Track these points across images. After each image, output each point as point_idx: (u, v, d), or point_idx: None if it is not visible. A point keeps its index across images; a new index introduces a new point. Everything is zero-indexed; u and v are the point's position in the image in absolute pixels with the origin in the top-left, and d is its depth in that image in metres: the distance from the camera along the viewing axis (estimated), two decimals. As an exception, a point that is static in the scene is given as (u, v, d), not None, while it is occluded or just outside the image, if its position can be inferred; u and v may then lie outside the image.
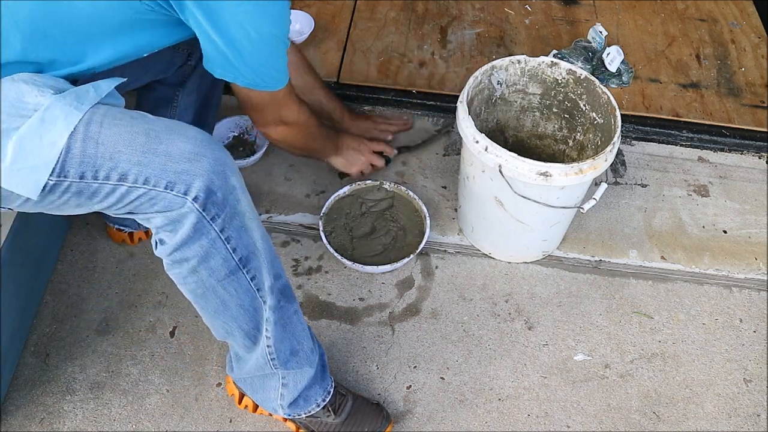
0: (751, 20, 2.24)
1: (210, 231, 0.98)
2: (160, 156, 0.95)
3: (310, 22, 2.02)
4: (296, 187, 1.74)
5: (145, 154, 0.95)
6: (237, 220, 1.01)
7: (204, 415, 1.36)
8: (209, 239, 0.99)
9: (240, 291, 1.07)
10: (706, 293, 1.61)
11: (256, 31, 1.03)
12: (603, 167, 1.35)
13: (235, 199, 0.99)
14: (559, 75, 1.52)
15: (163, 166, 0.95)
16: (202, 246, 0.99)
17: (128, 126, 0.96)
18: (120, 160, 0.95)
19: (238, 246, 1.02)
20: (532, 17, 2.19)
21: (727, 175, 1.85)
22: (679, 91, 2.00)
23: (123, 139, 0.95)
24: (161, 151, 0.95)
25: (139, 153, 0.95)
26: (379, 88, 1.95)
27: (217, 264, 1.02)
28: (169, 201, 0.96)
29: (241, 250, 1.03)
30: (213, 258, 1.01)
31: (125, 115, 0.99)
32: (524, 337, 1.51)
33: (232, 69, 1.09)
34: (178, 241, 0.99)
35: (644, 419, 1.41)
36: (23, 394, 1.36)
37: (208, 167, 0.96)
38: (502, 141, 1.65)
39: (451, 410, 1.40)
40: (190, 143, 0.97)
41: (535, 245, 1.59)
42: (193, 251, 1.00)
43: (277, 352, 1.16)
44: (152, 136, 0.96)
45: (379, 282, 1.57)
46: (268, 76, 1.15)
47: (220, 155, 0.98)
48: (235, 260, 1.03)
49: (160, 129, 0.97)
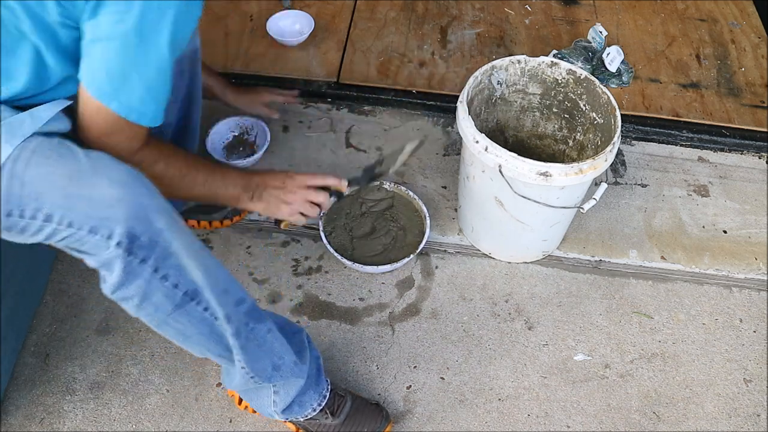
0: (751, 20, 2.24)
1: (143, 272, 0.96)
2: (82, 200, 0.93)
3: (310, 22, 2.02)
4: (296, 187, 1.73)
5: (67, 198, 0.92)
6: (172, 259, 0.97)
7: (204, 415, 1.36)
8: (144, 279, 0.96)
9: (195, 321, 1.04)
10: (706, 293, 1.61)
11: (135, 28, 0.93)
12: (603, 167, 1.35)
13: (165, 240, 0.95)
14: (559, 75, 1.52)
15: (85, 210, 0.92)
16: (139, 286, 0.97)
17: (54, 166, 0.93)
18: (44, 201, 0.92)
19: (180, 282, 0.99)
20: (532, 17, 2.19)
21: (727, 175, 1.85)
22: (679, 91, 2.00)
23: (47, 181, 0.93)
24: (83, 195, 0.93)
25: (62, 196, 0.92)
26: (379, 88, 1.95)
27: (159, 300, 0.99)
28: (95, 244, 0.94)
29: (185, 285, 0.99)
30: (154, 295, 0.98)
31: (54, 152, 0.95)
32: (524, 337, 1.51)
33: (91, 73, 0.98)
34: (115, 281, 0.96)
35: (644, 419, 1.41)
36: (23, 394, 1.36)
37: (128, 213, 0.93)
38: (502, 141, 1.65)
39: (451, 410, 1.40)
40: (113, 187, 0.93)
41: (535, 245, 1.59)
42: (131, 291, 0.97)
43: (256, 371, 1.15)
44: (75, 179, 0.93)
45: (379, 282, 1.57)
46: (133, 97, 1.00)
47: (143, 200, 0.94)
48: (179, 295, 1.00)
49: (84, 171, 0.94)
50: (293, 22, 2.04)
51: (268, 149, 1.73)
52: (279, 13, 2.03)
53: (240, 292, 1.08)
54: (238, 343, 1.09)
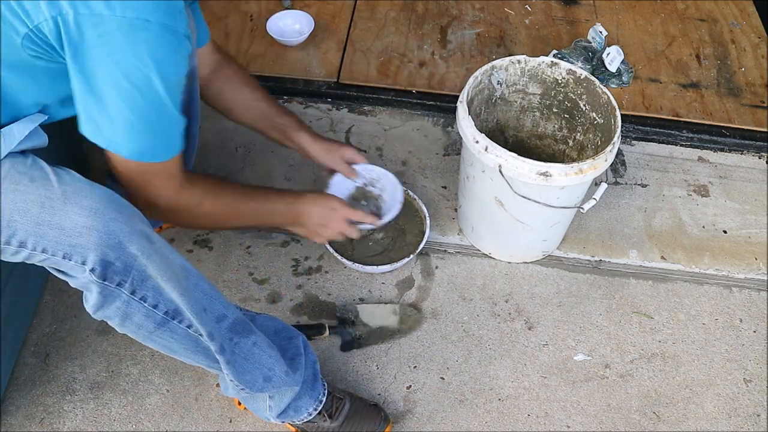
0: (751, 20, 2.24)
1: (120, 295, 0.96)
2: (53, 228, 0.92)
3: (310, 22, 2.02)
4: (296, 186, 1.73)
5: (39, 226, 0.92)
6: (149, 281, 0.97)
7: (204, 415, 1.36)
8: (123, 301, 0.97)
9: (179, 338, 1.04)
10: (706, 293, 1.61)
11: (128, 79, 0.91)
12: (603, 167, 1.35)
13: (141, 265, 0.95)
14: (559, 75, 1.52)
15: (57, 238, 0.92)
16: (118, 307, 0.97)
17: (24, 193, 0.93)
18: (17, 228, 0.92)
19: (159, 302, 0.99)
20: (532, 17, 2.20)
21: (727, 175, 1.85)
22: (679, 91, 2.00)
23: (17, 208, 0.92)
24: (54, 223, 0.92)
25: (33, 224, 0.92)
26: (379, 88, 1.95)
27: (140, 320, 1.00)
28: (71, 269, 0.94)
29: (165, 305, 1.00)
30: (134, 316, 0.99)
31: (24, 177, 0.94)
32: (524, 337, 1.51)
33: (94, 126, 0.96)
34: (94, 303, 0.97)
35: (644, 419, 1.41)
36: (23, 394, 1.36)
37: (99, 241, 0.92)
38: (502, 141, 1.65)
39: (451, 410, 1.40)
40: (83, 215, 0.93)
41: (535, 245, 1.59)
42: (111, 311, 0.98)
43: (245, 383, 1.15)
44: (47, 206, 0.93)
45: (379, 282, 1.57)
46: (134, 141, 0.98)
47: (114, 226, 0.94)
48: (160, 314, 1.00)
49: (55, 197, 0.93)
50: (293, 22, 2.04)
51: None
52: (279, 13, 2.03)
53: (221, 308, 1.08)
54: (224, 359, 1.09)
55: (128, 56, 0.90)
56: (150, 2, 0.89)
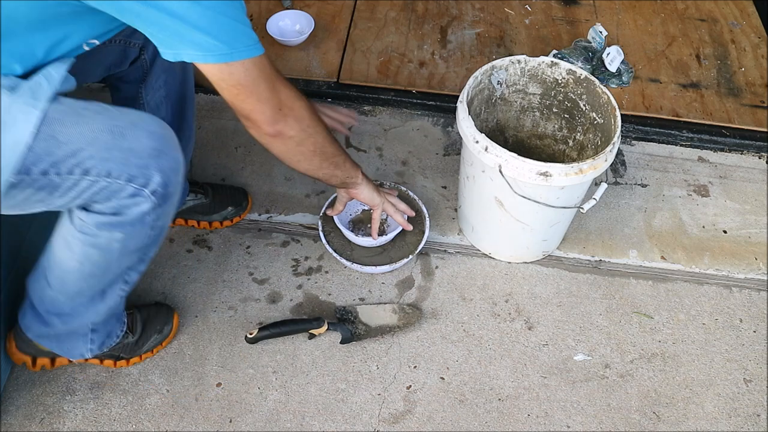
0: (751, 20, 2.24)
1: (146, 222, 1.07)
2: (124, 152, 0.99)
3: (310, 22, 2.02)
4: (296, 187, 1.74)
5: (109, 151, 0.98)
6: (169, 214, 1.10)
7: (204, 415, 1.36)
8: (142, 228, 1.07)
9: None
10: (706, 293, 1.61)
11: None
12: (603, 167, 1.35)
13: (177, 194, 1.08)
14: (559, 75, 1.52)
15: (125, 160, 0.99)
16: (137, 230, 1.07)
17: (92, 123, 0.98)
18: (83, 156, 0.97)
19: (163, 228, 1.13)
20: (532, 17, 2.19)
21: (727, 175, 1.85)
22: (679, 91, 2.00)
23: (86, 138, 0.98)
24: (125, 147, 0.99)
25: (104, 150, 0.98)
26: (379, 88, 1.95)
27: (140, 240, 1.11)
28: (127, 191, 1.01)
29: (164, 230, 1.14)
30: (138, 237, 1.10)
31: (88, 110, 1.00)
32: (524, 337, 1.51)
33: (186, 44, 0.94)
34: (117, 220, 1.04)
35: (644, 419, 1.41)
36: (23, 394, 1.36)
37: (166, 165, 1.02)
38: (502, 141, 1.65)
39: (451, 410, 1.40)
40: (153, 139, 1.01)
41: (535, 245, 1.59)
42: (125, 230, 1.07)
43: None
44: (116, 132, 0.99)
45: (379, 282, 1.57)
46: (234, 38, 0.96)
47: (177, 154, 1.04)
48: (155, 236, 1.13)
49: (124, 125, 1.00)
50: (293, 22, 2.04)
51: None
52: (279, 13, 2.03)
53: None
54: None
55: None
56: None
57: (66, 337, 1.29)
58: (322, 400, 1.39)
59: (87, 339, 1.29)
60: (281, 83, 1.08)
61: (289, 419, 1.36)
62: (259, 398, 1.39)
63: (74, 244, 1.09)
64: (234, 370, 1.42)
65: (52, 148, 0.96)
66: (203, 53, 0.95)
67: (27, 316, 1.28)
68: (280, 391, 1.40)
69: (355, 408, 1.39)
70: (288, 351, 1.45)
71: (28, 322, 1.28)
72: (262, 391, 1.40)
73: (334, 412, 1.38)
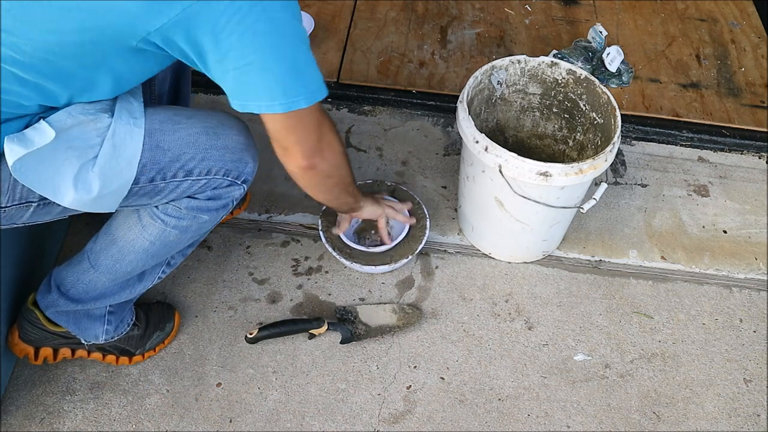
0: (751, 20, 2.24)
1: (229, 207, 1.18)
2: (220, 150, 1.10)
3: (310, 22, 2.02)
4: (296, 187, 1.72)
5: (208, 150, 1.09)
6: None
7: (204, 415, 1.36)
8: (224, 211, 1.18)
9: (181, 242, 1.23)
10: (706, 293, 1.61)
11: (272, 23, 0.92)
12: (603, 167, 1.35)
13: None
14: (559, 75, 1.52)
15: (222, 157, 1.10)
16: (220, 217, 1.19)
17: (188, 128, 1.09)
18: (186, 160, 1.08)
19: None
20: (532, 17, 2.19)
21: (727, 175, 1.85)
22: (679, 91, 2.00)
23: (186, 142, 1.08)
24: (220, 145, 1.10)
25: (203, 150, 1.09)
26: (379, 88, 1.95)
27: (207, 228, 1.21)
28: (224, 183, 1.13)
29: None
30: (206, 226, 1.20)
31: (181, 117, 1.09)
32: (524, 337, 1.51)
33: (260, 97, 0.96)
34: (209, 205, 1.15)
35: (644, 419, 1.41)
36: (23, 394, 1.36)
37: (254, 155, 1.15)
38: (502, 141, 1.65)
39: (451, 410, 1.40)
40: (241, 135, 1.13)
41: (535, 245, 1.59)
42: (207, 216, 1.17)
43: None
44: (211, 133, 1.10)
45: (379, 282, 1.57)
46: (303, 86, 0.97)
47: (256, 145, 1.17)
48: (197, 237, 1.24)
49: (214, 125, 1.11)
50: (293, 22, 2.03)
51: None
52: (279, 13, 2.03)
53: None
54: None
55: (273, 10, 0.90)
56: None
57: (85, 317, 1.31)
58: (322, 400, 1.39)
59: (104, 321, 1.32)
60: (324, 116, 1.08)
61: (289, 419, 1.36)
62: (259, 398, 1.39)
63: (152, 224, 1.16)
64: (234, 370, 1.42)
65: (158, 157, 1.06)
66: (270, 104, 0.96)
67: (50, 295, 1.28)
68: (280, 391, 1.40)
69: (355, 408, 1.39)
70: (288, 351, 1.45)
71: (49, 301, 1.29)
72: (262, 391, 1.40)
73: (334, 412, 1.38)
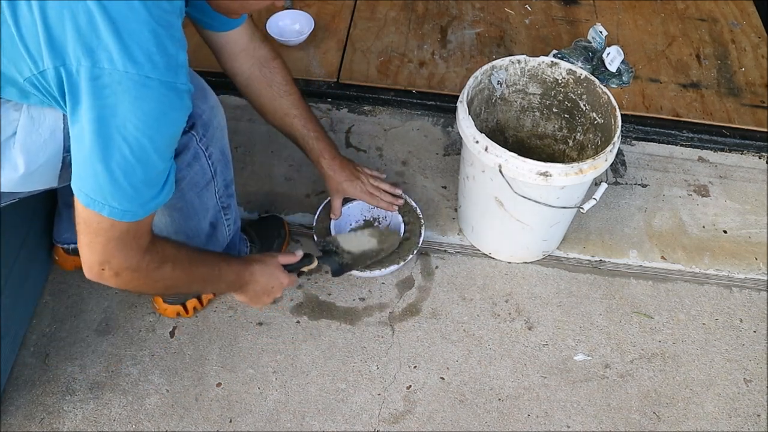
0: (751, 20, 2.24)
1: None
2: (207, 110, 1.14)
3: (310, 22, 2.02)
4: (296, 187, 1.73)
5: (208, 114, 1.14)
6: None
7: (204, 415, 1.36)
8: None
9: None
10: (706, 293, 1.61)
11: (121, 134, 0.88)
12: (603, 167, 1.35)
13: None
14: (559, 75, 1.52)
15: (210, 114, 1.15)
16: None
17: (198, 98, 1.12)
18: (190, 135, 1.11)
19: None
20: (532, 17, 2.19)
21: (728, 175, 1.85)
22: (679, 91, 2.00)
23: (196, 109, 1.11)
24: (209, 106, 1.15)
25: (208, 108, 1.14)
26: (379, 88, 1.95)
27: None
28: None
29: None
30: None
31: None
32: (524, 337, 1.51)
33: (80, 179, 0.92)
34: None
35: (644, 419, 1.41)
36: (23, 394, 1.36)
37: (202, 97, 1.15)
38: (502, 141, 1.65)
39: (451, 410, 1.40)
40: (214, 97, 1.18)
41: (535, 245, 1.59)
42: None
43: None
44: (200, 96, 1.11)
45: (379, 282, 1.57)
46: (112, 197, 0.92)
47: None
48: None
49: (201, 87, 1.14)
50: (293, 22, 2.04)
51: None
52: (279, 13, 2.03)
53: None
54: None
55: (126, 113, 0.87)
56: (152, 58, 0.86)
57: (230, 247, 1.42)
58: (322, 400, 1.39)
59: (244, 242, 1.50)
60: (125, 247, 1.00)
61: (289, 419, 1.36)
62: (259, 398, 1.39)
63: None
64: (234, 370, 1.42)
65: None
66: (90, 200, 0.92)
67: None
68: (280, 391, 1.40)
69: (355, 408, 1.39)
70: (288, 351, 1.45)
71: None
72: (262, 391, 1.40)
73: (334, 412, 1.38)
